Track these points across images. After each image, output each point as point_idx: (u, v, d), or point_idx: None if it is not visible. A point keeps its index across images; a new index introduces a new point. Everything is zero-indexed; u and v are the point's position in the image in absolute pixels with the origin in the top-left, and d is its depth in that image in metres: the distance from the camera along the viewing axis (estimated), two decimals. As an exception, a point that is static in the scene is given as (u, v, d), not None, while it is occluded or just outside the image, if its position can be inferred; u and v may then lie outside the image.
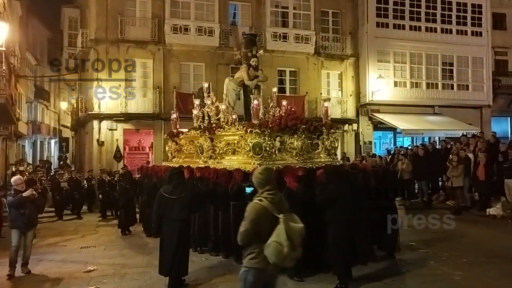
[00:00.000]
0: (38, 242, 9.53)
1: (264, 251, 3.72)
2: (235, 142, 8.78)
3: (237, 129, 8.76)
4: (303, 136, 8.70)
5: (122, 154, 18.80)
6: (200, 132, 9.75)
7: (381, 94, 20.78)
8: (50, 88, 35.47)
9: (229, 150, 8.99)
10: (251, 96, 9.16)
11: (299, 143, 8.60)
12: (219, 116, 9.92)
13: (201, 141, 9.66)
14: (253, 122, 8.35)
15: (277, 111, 10.36)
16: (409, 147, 16.68)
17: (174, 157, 11.38)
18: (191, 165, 9.33)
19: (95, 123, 18.62)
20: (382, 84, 20.67)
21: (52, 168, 27.58)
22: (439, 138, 19.72)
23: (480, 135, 14.90)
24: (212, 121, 9.93)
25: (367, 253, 7.30)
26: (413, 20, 21.72)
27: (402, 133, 20.36)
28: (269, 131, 8.25)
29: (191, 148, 10.42)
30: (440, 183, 14.43)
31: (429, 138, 20.61)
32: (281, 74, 21.08)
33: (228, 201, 7.65)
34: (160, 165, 12.32)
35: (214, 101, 10.19)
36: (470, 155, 13.00)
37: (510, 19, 24.89)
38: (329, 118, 9.46)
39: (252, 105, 8.61)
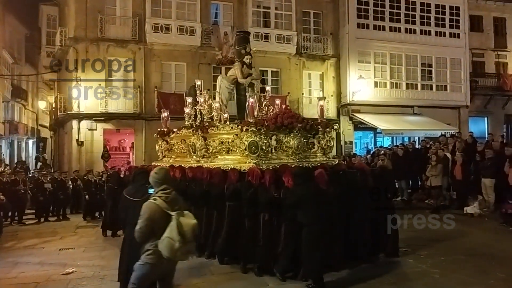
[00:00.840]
0: (15, 245, 9.35)
1: (158, 246, 4.05)
2: (230, 141, 8.61)
3: (231, 127, 8.59)
4: (299, 134, 8.59)
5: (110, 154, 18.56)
6: (193, 130, 9.54)
7: (361, 94, 21.00)
8: (28, 87, 34.74)
9: (223, 149, 8.83)
10: (246, 94, 8.99)
11: (295, 142, 8.52)
12: (212, 114, 9.68)
13: (193, 140, 9.43)
14: (249, 120, 8.19)
15: (271, 109, 10.21)
16: (389, 147, 16.89)
17: (164, 156, 11.15)
18: (182, 165, 9.14)
19: (75, 123, 18.36)
20: (363, 84, 20.89)
21: (31, 168, 27.02)
22: (418, 138, 20.04)
23: (458, 135, 15.20)
24: (205, 120, 9.70)
25: (365, 256, 7.18)
26: (393, 22, 22.00)
27: (382, 133, 20.60)
28: (265, 129, 8.10)
29: (182, 147, 10.19)
30: (419, 182, 14.65)
31: (409, 138, 20.91)
32: (263, 74, 21.04)
33: (223, 202, 7.44)
34: (150, 164, 11.88)
35: (207, 99, 9.96)
36: (449, 155, 13.23)
37: (487, 22, 25.45)
38: (324, 117, 9.34)
39: (247, 103, 8.49)
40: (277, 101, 11.02)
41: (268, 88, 11.07)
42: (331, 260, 6.67)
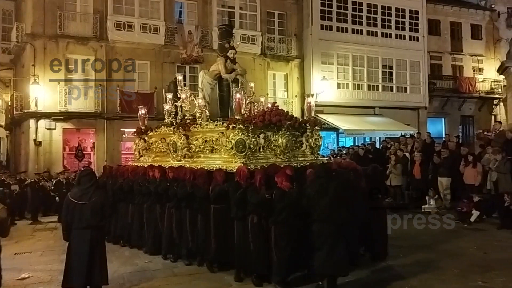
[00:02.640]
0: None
1: None
2: (214, 139, 8.16)
3: (216, 125, 8.17)
4: (287, 133, 8.18)
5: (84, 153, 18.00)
6: (173, 128, 9.06)
7: (325, 95, 21.29)
8: (-19, 84, 33.24)
9: (207, 148, 8.37)
10: (233, 89, 8.59)
11: (284, 141, 8.10)
12: (194, 111, 9.13)
13: (174, 139, 8.96)
14: (236, 117, 7.70)
15: (255, 107, 9.73)
16: (351, 147, 17.22)
17: (142, 156, 10.58)
18: (162, 165, 8.72)
19: (32, 122, 17.70)
20: (326, 85, 21.20)
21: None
22: (379, 138, 20.53)
23: (417, 135, 15.67)
24: (186, 117, 9.15)
25: (355, 258, 6.86)
26: (355, 24, 22.47)
27: (345, 133, 21.00)
28: (252, 127, 7.64)
29: (162, 146, 9.71)
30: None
31: (370, 138, 21.40)
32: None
33: (208, 204, 7.04)
34: (126, 164, 11.51)
35: (188, 96, 9.41)
36: (408, 155, 13.63)
37: (444, 26, 26.39)
38: (312, 114, 8.88)
39: (234, 99, 8.07)
40: (262, 99, 10.49)
41: (252, 84, 10.40)
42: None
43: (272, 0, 21.80)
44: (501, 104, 25.81)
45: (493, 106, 26.79)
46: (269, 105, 9.02)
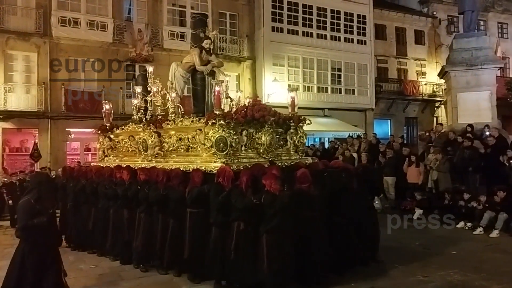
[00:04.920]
0: None
1: None
2: (190, 137, 7.44)
3: (192, 121, 7.43)
4: (271, 130, 7.53)
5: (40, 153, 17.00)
6: (143, 125, 8.33)
7: (276, 96, 21.46)
8: None
9: (182, 147, 7.65)
10: (212, 82, 7.93)
11: (268, 138, 7.43)
12: (167, 106, 8.37)
13: (144, 136, 8.24)
14: (215, 112, 6.96)
15: (232, 102, 9.04)
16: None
17: (106, 155, 9.75)
18: (131, 165, 8.04)
19: (-33, 121, 16.70)
20: (277, 87, 21.41)
21: None
22: (328, 138, 20.99)
23: (363, 136, 16.17)
24: (158, 113, 8.45)
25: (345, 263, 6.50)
26: (306, 27, 22.86)
27: (295, 134, 21.24)
28: (233, 123, 6.93)
29: (130, 145, 8.92)
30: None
31: (320, 138, 21.83)
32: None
33: (183, 208, 6.42)
34: (89, 165, 10.56)
35: (160, 89, 8.69)
36: (355, 155, 14.03)
37: (390, 30, 27.39)
38: (296, 110, 8.26)
39: (213, 92, 7.43)
40: (239, 94, 10.13)
41: (227, 78, 9.44)
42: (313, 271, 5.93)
43: (224, 0, 21.77)
44: (442, 106, 27.11)
45: (435, 108, 28.13)
46: (247, 101, 8.69)
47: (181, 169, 7.01)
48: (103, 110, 10.08)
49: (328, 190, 6.31)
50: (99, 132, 9.95)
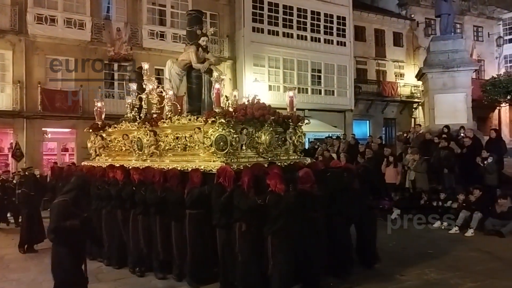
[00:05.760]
0: None
1: None
2: (187, 135, 7.22)
3: (190, 119, 7.21)
4: (271, 129, 7.36)
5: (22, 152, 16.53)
6: (138, 124, 8.04)
7: (257, 97, 21.51)
8: None
9: (179, 146, 7.40)
10: (212, 79, 7.68)
11: (268, 138, 7.26)
12: (162, 104, 8.07)
13: (139, 135, 7.94)
14: (216, 110, 6.79)
15: (228, 101, 8.72)
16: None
17: (98, 155, 9.37)
18: (125, 165, 7.76)
19: None
20: (258, 87, 21.42)
21: None
22: (308, 139, 21.08)
23: (343, 137, 16.31)
24: (153, 111, 8.19)
25: (344, 265, 6.43)
26: (286, 28, 22.95)
27: (276, 134, 21.29)
28: (233, 122, 6.74)
29: (124, 144, 8.58)
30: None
31: (300, 139, 21.87)
32: (158, 73, 20.57)
33: (182, 210, 6.21)
34: (79, 165, 10.08)
35: (156, 87, 8.43)
36: (334, 155, 14.12)
37: (369, 32, 27.72)
38: (294, 110, 8.09)
39: (213, 90, 7.27)
40: (235, 92, 9.71)
41: (223, 76, 8.88)
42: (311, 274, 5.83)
43: (204, 0, 21.66)
44: (420, 107, 27.58)
45: (413, 109, 28.57)
46: (247, 99, 8.44)
47: (179, 168, 6.77)
48: (95, 109, 9.73)
49: (330, 191, 6.17)
50: (91, 130, 9.55)
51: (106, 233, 7.40)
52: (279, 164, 6.88)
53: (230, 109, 7.47)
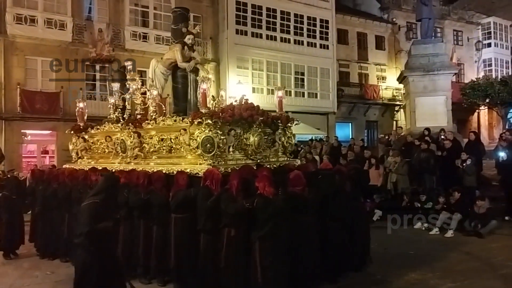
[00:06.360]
0: None
1: None
2: (173, 137, 7.00)
3: (175, 120, 6.95)
4: (259, 130, 7.17)
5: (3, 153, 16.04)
6: (122, 125, 7.80)
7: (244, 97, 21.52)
8: None
9: (164, 148, 7.18)
10: (198, 79, 7.45)
11: (256, 139, 7.06)
12: (147, 105, 7.82)
13: (123, 137, 7.69)
14: (202, 111, 6.53)
15: (214, 101, 8.42)
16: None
17: (80, 157, 9.10)
18: (107, 168, 7.61)
19: None
20: (241, 89, 21.39)
21: None
22: (291, 141, 21.15)
23: (325, 139, 16.41)
24: (137, 112, 7.94)
25: (338, 270, 6.25)
26: (270, 30, 23.02)
27: (259, 136, 21.31)
28: (220, 123, 6.53)
29: (107, 146, 8.36)
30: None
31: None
32: (141, 75, 20.42)
33: (167, 213, 5.99)
34: (60, 167, 9.66)
35: (140, 87, 8.23)
36: (317, 157, 14.20)
37: (352, 35, 28.03)
38: (284, 110, 7.93)
39: (199, 90, 7.00)
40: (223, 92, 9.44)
41: (209, 76, 8.53)
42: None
43: (188, 1, 21.54)
44: (402, 110, 27.94)
45: (395, 112, 28.97)
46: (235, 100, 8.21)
47: (164, 171, 6.57)
48: (76, 110, 9.49)
49: (321, 193, 6.02)
50: (72, 132, 9.30)
51: None
52: (268, 166, 6.74)
53: (217, 110, 7.28)
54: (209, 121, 6.39)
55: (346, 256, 6.36)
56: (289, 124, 7.87)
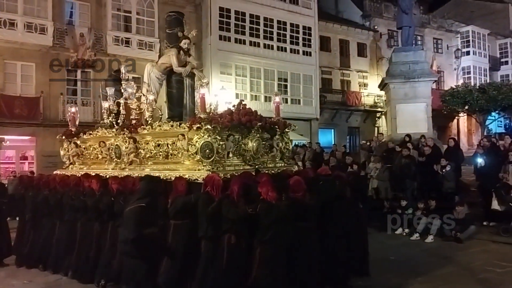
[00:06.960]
0: None
1: None
2: (169, 143, 6.85)
3: (172, 126, 6.85)
4: (257, 135, 7.13)
5: None
6: (117, 130, 7.61)
7: (224, 105, 21.48)
8: None
9: (160, 154, 7.02)
10: (197, 83, 7.38)
11: (255, 145, 7.02)
12: (142, 109, 7.71)
13: (117, 142, 7.52)
14: (201, 116, 6.46)
15: (210, 106, 8.19)
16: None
17: (72, 163, 8.83)
18: (100, 174, 7.42)
19: None
20: (225, 95, 21.36)
21: None
22: (275, 147, 21.20)
23: (308, 145, 16.49)
24: (132, 117, 7.75)
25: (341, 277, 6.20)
26: (253, 36, 23.12)
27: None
28: (219, 128, 6.45)
29: (100, 152, 8.12)
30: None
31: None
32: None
33: (165, 220, 5.79)
34: (50, 174, 9.17)
35: (135, 91, 8.03)
36: (300, 163, 14.24)
37: (334, 43, 28.33)
38: (281, 116, 7.88)
39: (197, 94, 6.91)
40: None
41: (205, 80, 8.24)
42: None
43: (171, 7, 21.48)
44: (383, 117, 28.28)
45: (376, 118, 29.33)
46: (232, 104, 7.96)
47: (161, 177, 6.36)
48: (68, 114, 9.25)
49: (322, 200, 5.95)
50: (64, 137, 9.00)
51: (78, 245, 6.95)
52: (266, 172, 6.68)
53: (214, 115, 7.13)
54: (209, 126, 6.29)
55: (346, 261, 6.32)
56: (286, 130, 7.85)
